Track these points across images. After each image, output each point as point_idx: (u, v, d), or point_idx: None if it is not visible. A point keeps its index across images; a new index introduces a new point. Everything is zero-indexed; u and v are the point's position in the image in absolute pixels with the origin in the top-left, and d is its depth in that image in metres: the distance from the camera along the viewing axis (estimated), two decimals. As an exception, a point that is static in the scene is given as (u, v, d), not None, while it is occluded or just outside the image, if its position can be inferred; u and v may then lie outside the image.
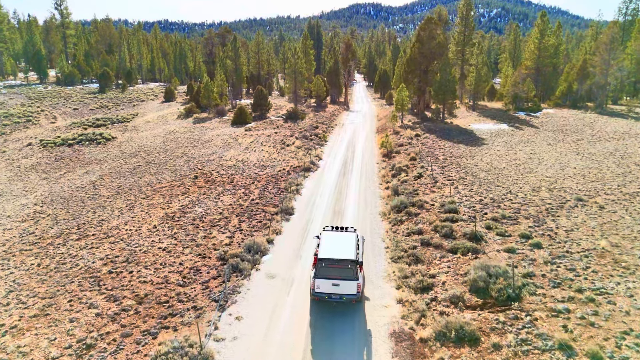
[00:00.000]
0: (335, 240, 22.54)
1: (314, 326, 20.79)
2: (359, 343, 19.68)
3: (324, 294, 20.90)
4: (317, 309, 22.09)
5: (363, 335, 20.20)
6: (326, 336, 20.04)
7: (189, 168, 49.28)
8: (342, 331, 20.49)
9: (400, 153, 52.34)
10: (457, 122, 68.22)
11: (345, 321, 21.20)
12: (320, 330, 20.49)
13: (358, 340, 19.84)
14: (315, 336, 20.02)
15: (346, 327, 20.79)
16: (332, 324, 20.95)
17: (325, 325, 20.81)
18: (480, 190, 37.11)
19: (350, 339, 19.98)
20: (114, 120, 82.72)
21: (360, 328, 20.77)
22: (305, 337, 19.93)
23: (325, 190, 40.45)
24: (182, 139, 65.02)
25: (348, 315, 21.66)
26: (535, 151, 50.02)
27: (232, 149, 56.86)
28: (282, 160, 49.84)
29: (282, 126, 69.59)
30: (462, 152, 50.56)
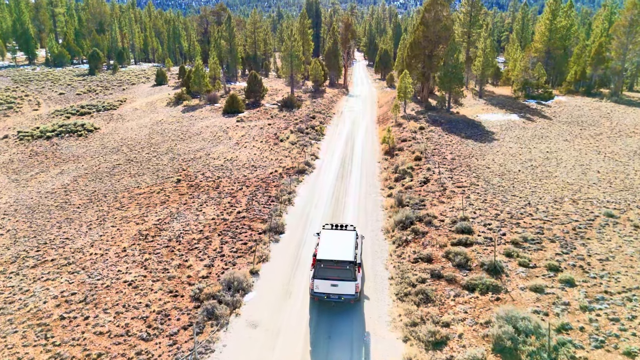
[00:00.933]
0: (334, 239, 22.66)
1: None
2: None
3: (323, 294, 21.10)
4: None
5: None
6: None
7: (172, 168, 44.92)
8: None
9: (403, 150, 47.90)
10: (464, 112, 63.56)
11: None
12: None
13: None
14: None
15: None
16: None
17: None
18: (494, 201, 32.85)
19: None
20: (99, 108, 77.98)
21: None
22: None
23: (321, 198, 36.19)
24: (169, 130, 60.46)
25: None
26: (551, 149, 45.59)
27: (221, 144, 52.39)
28: (275, 159, 45.43)
29: (276, 116, 64.95)
30: (471, 149, 46.12)
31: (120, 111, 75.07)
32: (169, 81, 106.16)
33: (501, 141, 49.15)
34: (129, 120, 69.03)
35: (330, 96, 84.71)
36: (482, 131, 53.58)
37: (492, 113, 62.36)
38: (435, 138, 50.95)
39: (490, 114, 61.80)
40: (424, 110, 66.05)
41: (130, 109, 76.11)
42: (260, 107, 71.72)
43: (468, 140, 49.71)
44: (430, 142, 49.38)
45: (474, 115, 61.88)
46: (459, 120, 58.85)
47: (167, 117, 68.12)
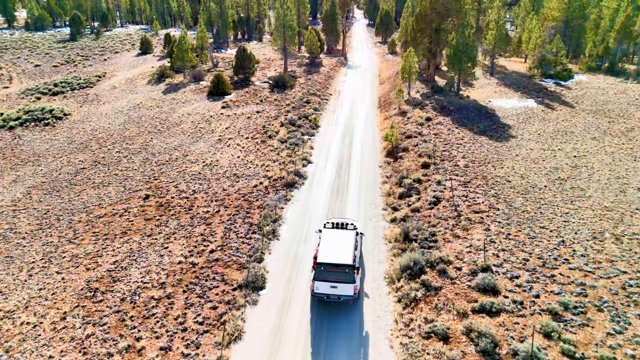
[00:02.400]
0: (334, 240, 23.28)
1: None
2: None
3: (323, 295, 21.85)
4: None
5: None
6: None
7: (143, 175, 38.93)
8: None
9: (408, 151, 41.77)
10: (475, 96, 56.92)
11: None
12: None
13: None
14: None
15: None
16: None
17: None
18: (520, 236, 27.21)
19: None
20: (74, 86, 71.07)
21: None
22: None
23: (312, 227, 30.42)
24: (146, 118, 54.03)
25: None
26: (579, 151, 39.54)
27: (202, 139, 46.15)
28: (261, 165, 39.37)
29: (266, 99, 58.28)
30: (487, 151, 40.06)
31: (97, 90, 68.21)
32: (155, 49, 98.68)
33: (519, 139, 42.93)
34: (104, 102, 62.35)
35: (327, 70, 77.51)
36: (496, 123, 47.24)
37: (506, 98, 55.74)
38: (444, 133, 44.70)
39: (504, 99, 55.20)
40: (430, 92, 59.33)
41: (108, 88, 69.23)
42: (250, 87, 64.91)
43: (482, 138, 43.47)
44: (439, 139, 43.20)
45: (486, 100, 55.29)
46: (470, 108, 52.35)
47: (147, 99, 61.41)
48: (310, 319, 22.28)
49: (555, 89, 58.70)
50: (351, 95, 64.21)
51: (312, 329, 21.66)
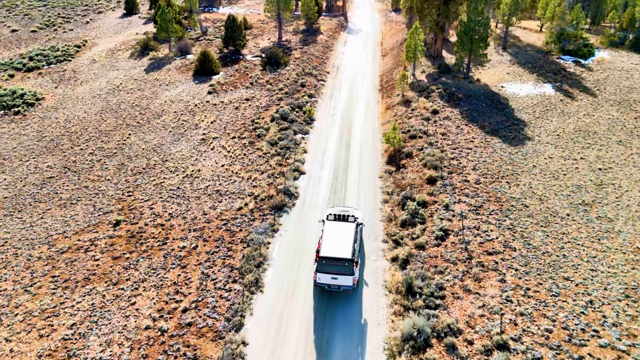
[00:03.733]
0: (336, 234, 24.71)
1: None
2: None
3: (324, 284, 23.92)
4: None
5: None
6: None
7: (116, 189, 34.90)
8: None
9: (412, 157, 37.45)
10: (486, 79, 51.76)
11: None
12: None
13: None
14: None
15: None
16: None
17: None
18: (541, 293, 23.70)
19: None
20: (51, 59, 65.45)
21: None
22: None
23: (302, 272, 26.71)
24: (126, 105, 49.36)
25: None
26: (604, 161, 35.34)
27: (184, 138, 41.73)
28: (247, 178, 35.20)
29: (257, 81, 53.27)
30: (500, 160, 35.94)
31: (76, 64, 62.74)
32: (140, 8, 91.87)
33: (536, 142, 38.47)
34: (82, 82, 57.20)
35: (325, 38, 71.43)
36: (510, 118, 42.64)
37: (520, 82, 50.57)
38: (452, 132, 40.20)
39: (518, 84, 50.08)
40: (437, 72, 54.05)
41: (88, 62, 63.72)
42: (240, 63, 59.50)
43: (494, 140, 38.97)
44: (447, 141, 38.82)
45: (498, 84, 50.18)
46: (481, 95, 47.43)
47: (127, 79, 56.24)
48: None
49: (575, 69, 53.33)
50: (351, 72, 58.83)
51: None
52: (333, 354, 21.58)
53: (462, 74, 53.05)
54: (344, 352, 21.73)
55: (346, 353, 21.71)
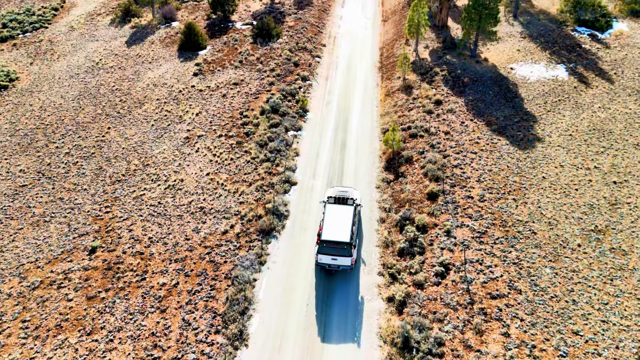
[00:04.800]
0: (335, 217, 26.74)
1: None
2: None
3: (325, 264, 26.13)
4: None
5: None
6: None
7: (93, 202, 32.56)
8: None
9: (412, 163, 34.79)
10: (494, 57, 47.95)
11: None
12: None
13: None
14: None
15: None
16: None
17: None
18: (548, 351, 22.23)
19: None
20: (26, 26, 60.87)
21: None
22: None
23: (292, 318, 24.75)
24: (105, 88, 46.14)
25: None
26: (619, 171, 32.83)
27: (167, 134, 38.97)
28: (233, 191, 32.67)
29: (247, 59, 49.56)
30: (507, 168, 33.51)
31: (52, 32, 58.35)
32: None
33: (547, 144, 35.73)
34: (59, 56, 53.24)
35: (322, 2, 66.10)
36: (519, 111, 39.75)
37: (531, 62, 46.80)
38: (457, 130, 37.43)
39: (529, 65, 46.36)
40: (441, 48, 50.07)
41: (65, 29, 59.28)
42: (229, 33, 55.26)
43: (501, 140, 36.18)
44: (450, 141, 36.31)
45: (508, 64, 46.48)
46: (488, 80, 44.01)
47: (107, 53, 52.30)
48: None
49: (590, 46, 49.22)
50: (348, 45, 54.62)
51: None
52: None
53: (469, 51, 49.05)
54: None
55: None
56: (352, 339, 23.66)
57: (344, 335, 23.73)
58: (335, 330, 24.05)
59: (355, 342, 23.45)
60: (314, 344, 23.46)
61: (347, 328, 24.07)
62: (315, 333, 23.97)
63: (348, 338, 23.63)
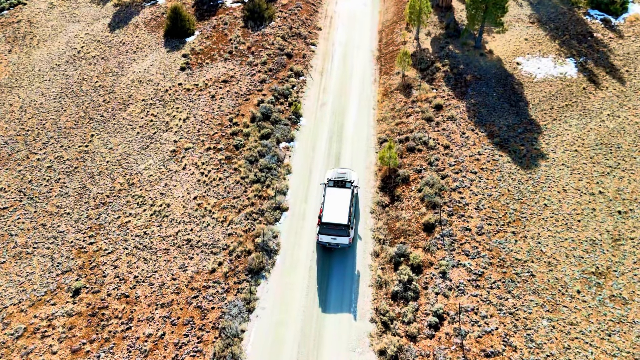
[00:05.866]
0: (334, 200, 29.44)
1: None
2: None
3: (325, 243, 28.93)
4: None
5: None
6: None
7: (77, 229, 31.53)
8: None
9: (409, 184, 33.42)
10: (499, 50, 45.28)
11: None
12: None
13: None
14: None
15: None
16: None
17: None
18: None
19: None
20: (3, 3, 57.33)
21: None
22: None
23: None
24: (89, 85, 44.04)
25: None
26: (625, 198, 31.54)
27: (153, 145, 37.44)
28: (221, 221, 31.52)
29: (237, 48, 46.97)
30: (507, 193, 32.26)
31: (32, 11, 54.97)
32: None
33: (550, 162, 34.22)
34: (39, 41, 50.46)
35: (318, -29, 61.69)
36: (523, 119, 37.97)
37: (539, 55, 44.16)
38: (457, 143, 35.94)
39: (536, 59, 43.78)
40: (444, 36, 47.21)
41: (45, 4, 55.87)
42: (219, 14, 52.16)
43: (503, 157, 34.64)
44: (449, 156, 34.81)
45: (514, 58, 43.97)
46: (492, 77, 41.86)
47: (90, 40, 49.55)
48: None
49: (603, 34, 46.22)
50: (345, 29, 51.49)
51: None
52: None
53: (473, 40, 46.22)
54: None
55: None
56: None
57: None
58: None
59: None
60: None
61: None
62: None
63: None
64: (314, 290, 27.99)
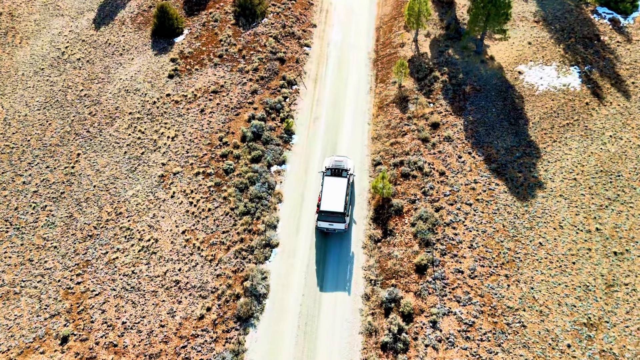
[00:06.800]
0: (332, 189, 31.58)
1: None
2: None
3: (323, 228, 31.45)
4: None
5: None
6: None
7: (64, 265, 31.30)
8: None
9: (402, 216, 32.77)
10: (501, 56, 43.49)
11: None
12: None
13: None
14: None
15: None
16: None
17: None
18: None
19: None
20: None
21: None
22: None
23: None
24: (73, 94, 42.64)
25: None
26: (622, 236, 31.00)
27: (141, 168, 36.57)
28: (209, 260, 31.08)
29: (228, 50, 45.15)
30: (502, 230, 31.76)
31: (13, 2, 52.43)
32: None
33: (548, 193, 33.48)
34: (21, 38, 48.51)
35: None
36: (522, 141, 36.95)
37: (542, 63, 42.45)
38: (453, 168, 35.13)
39: (539, 67, 42.13)
40: (444, 37, 45.30)
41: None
42: (209, 7, 49.94)
43: (499, 185, 33.90)
44: (445, 184, 34.08)
45: (516, 65, 42.37)
46: (492, 89, 40.60)
47: (74, 40, 47.53)
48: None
49: (610, 37, 44.19)
50: (342, 25, 49.29)
51: None
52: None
53: (474, 43, 44.28)
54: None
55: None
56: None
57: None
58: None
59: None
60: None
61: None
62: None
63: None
64: (303, 339, 27.81)
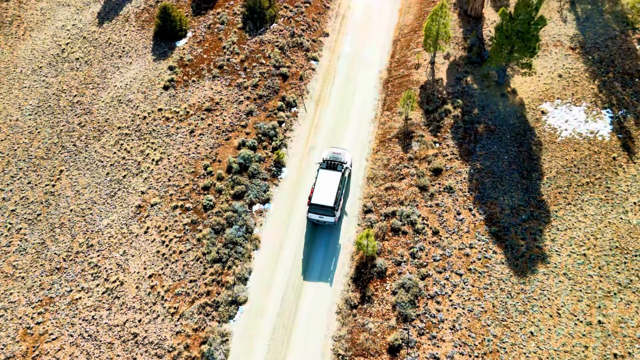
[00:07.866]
0: (325, 182, 31.93)
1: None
2: None
3: (314, 219, 31.86)
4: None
5: None
6: None
7: (27, 301, 30.59)
8: None
9: (384, 281, 30.24)
10: (524, 91, 39.14)
11: None
12: None
13: None
14: None
15: None
16: None
17: None
18: None
19: None
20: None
21: None
22: None
23: None
24: (66, 99, 41.21)
25: None
26: (626, 334, 27.59)
27: (119, 196, 35.10)
28: (171, 313, 29.55)
29: (230, 61, 42.36)
30: (491, 311, 28.85)
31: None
32: None
33: (550, 270, 30.09)
34: (25, 29, 47.08)
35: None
36: (532, 199, 33.21)
37: (569, 103, 37.95)
38: (448, 228, 32.18)
39: (565, 108, 37.72)
40: (465, 61, 41.16)
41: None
42: (217, 6, 46.87)
43: (497, 255, 30.82)
44: (436, 246, 31.51)
45: (540, 103, 38.19)
46: (508, 131, 36.74)
47: (76, 35, 45.82)
48: None
49: (656, 76, 38.89)
50: (357, 34, 45.49)
51: None
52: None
53: (497, 72, 39.91)
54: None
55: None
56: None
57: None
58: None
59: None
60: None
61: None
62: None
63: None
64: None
